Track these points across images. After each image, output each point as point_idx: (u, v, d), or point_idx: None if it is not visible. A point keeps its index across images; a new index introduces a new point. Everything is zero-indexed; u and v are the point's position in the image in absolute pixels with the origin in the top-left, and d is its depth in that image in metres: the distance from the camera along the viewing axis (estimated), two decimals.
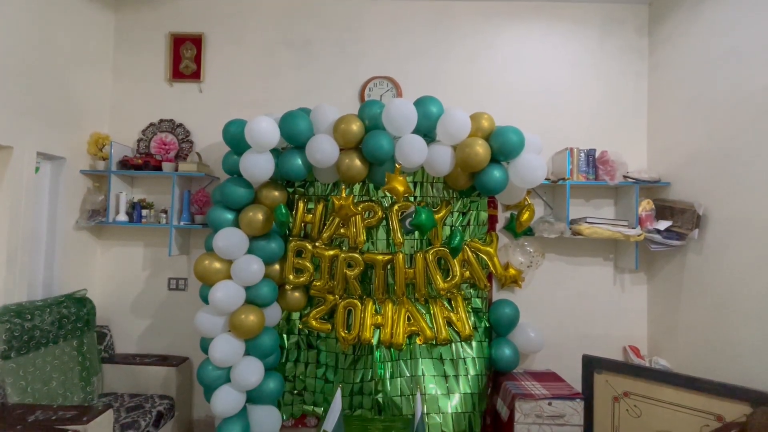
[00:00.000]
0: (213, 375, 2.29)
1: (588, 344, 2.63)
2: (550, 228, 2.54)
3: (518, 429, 2.26)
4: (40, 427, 1.79)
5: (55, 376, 2.24)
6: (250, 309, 2.30)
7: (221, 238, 2.29)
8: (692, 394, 1.98)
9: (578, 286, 2.76)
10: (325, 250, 2.52)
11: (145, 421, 2.24)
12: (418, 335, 2.48)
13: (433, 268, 2.49)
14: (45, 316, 2.26)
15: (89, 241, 2.78)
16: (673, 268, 2.52)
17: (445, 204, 2.58)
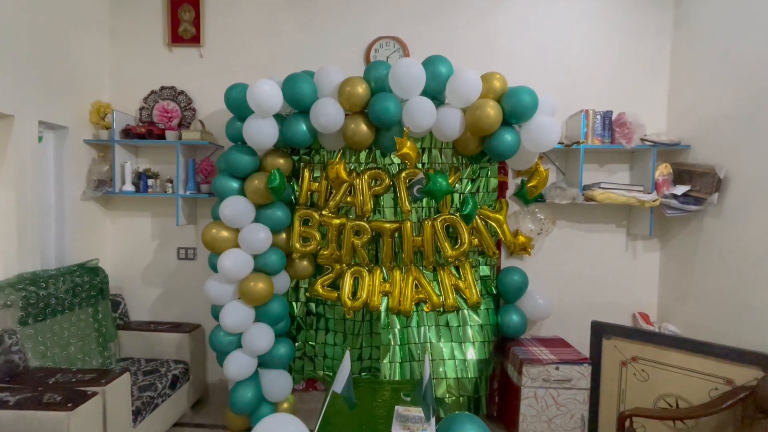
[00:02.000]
0: (225, 341, 2.33)
1: (597, 311, 2.61)
2: (562, 194, 2.47)
3: (525, 392, 2.29)
4: (61, 388, 1.85)
5: (72, 341, 2.31)
6: (258, 277, 2.32)
7: (227, 207, 2.27)
8: (702, 358, 1.97)
9: (589, 253, 2.72)
10: (332, 219, 2.49)
11: (161, 383, 2.32)
12: (426, 302, 2.48)
13: (442, 236, 2.46)
14: (59, 284, 2.30)
15: (98, 212, 2.79)
16: (688, 233, 2.46)
17: (454, 170, 2.51)
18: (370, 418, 1.37)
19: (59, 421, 1.66)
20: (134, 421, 2.08)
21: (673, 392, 2.06)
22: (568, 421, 2.29)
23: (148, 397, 2.20)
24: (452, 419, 1.31)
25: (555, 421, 2.29)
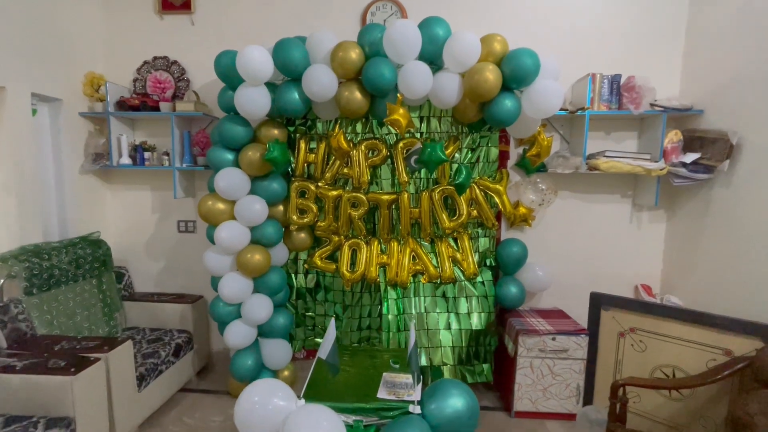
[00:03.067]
0: (224, 311, 2.37)
1: (599, 283, 2.56)
2: (565, 163, 2.39)
3: (521, 362, 2.30)
4: (65, 354, 1.92)
5: (78, 311, 2.38)
6: (255, 248, 2.32)
7: (222, 179, 2.26)
8: (701, 329, 1.93)
9: (592, 224, 2.65)
10: (329, 191, 2.47)
11: (164, 351, 2.39)
12: (423, 274, 2.47)
13: (439, 208, 2.42)
14: (62, 256, 2.35)
15: (98, 186, 2.80)
16: (696, 203, 2.37)
17: (453, 140, 2.44)
18: (359, 383, 1.39)
19: (63, 385, 1.73)
20: (139, 386, 2.16)
21: (670, 363, 2.04)
22: (563, 391, 2.30)
23: (152, 363, 2.27)
24: (438, 385, 1.31)
25: (550, 390, 2.31)
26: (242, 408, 1.23)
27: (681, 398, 2.01)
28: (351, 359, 1.60)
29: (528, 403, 2.32)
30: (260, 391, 1.26)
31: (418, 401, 1.26)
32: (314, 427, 1.14)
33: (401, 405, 1.26)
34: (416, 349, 1.28)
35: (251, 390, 1.26)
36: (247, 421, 1.21)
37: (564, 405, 2.32)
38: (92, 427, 1.83)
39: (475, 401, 1.29)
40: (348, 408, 1.26)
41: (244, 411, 1.22)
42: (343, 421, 1.26)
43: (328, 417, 1.18)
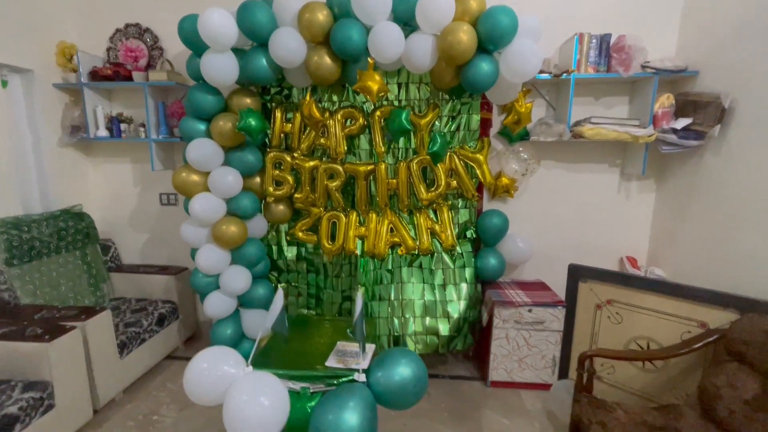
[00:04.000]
0: (203, 282, 2.40)
1: (584, 255, 2.52)
2: (548, 131, 2.28)
3: (496, 333, 2.29)
4: (44, 322, 1.98)
5: (62, 281, 2.43)
6: (230, 220, 2.32)
7: (193, 150, 2.22)
8: (677, 301, 1.88)
9: (578, 195, 2.57)
10: (305, 162, 2.41)
11: (147, 321, 2.45)
12: (400, 246, 2.44)
13: (417, 179, 2.36)
14: (42, 228, 2.38)
15: (79, 159, 2.80)
16: (686, 172, 2.26)
17: (432, 107, 2.34)
18: (312, 352, 1.39)
19: (38, 351, 1.79)
20: (121, 354, 2.23)
21: (645, 335, 2.01)
22: (539, 361, 2.30)
23: (134, 332, 2.33)
24: (387, 354, 1.31)
25: (526, 361, 2.31)
26: (191, 374, 1.24)
27: (655, 370, 1.99)
28: (312, 329, 1.60)
29: (503, 373, 2.34)
30: (209, 358, 1.27)
31: (364, 369, 1.26)
32: (256, 393, 1.14)
33: (346, 373, 1.26)
34: (362, 318, 1.27)
35: (201, 356, 1.28)
36: (196, 387, 1.23)
37: (540, 375, 2.32)
38: (71, 390, 1.91)
39: (424, 371, 1.28)
40: (295, 375, 1.26)
41: (192, 377, 1.24)
42: (290, 388, 1.27)
43: (272, 383, 1.19)
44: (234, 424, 1.11)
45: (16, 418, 1.64)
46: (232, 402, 1.13)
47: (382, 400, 1.25)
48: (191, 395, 1.23)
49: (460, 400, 2.28)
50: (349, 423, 1.09)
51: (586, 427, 1.63)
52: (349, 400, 1.14)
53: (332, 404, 1.13)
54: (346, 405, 1.12)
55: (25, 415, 1.67)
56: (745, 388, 1.53)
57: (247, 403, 1.12)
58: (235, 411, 1.11)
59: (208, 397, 1.22)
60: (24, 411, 1.67)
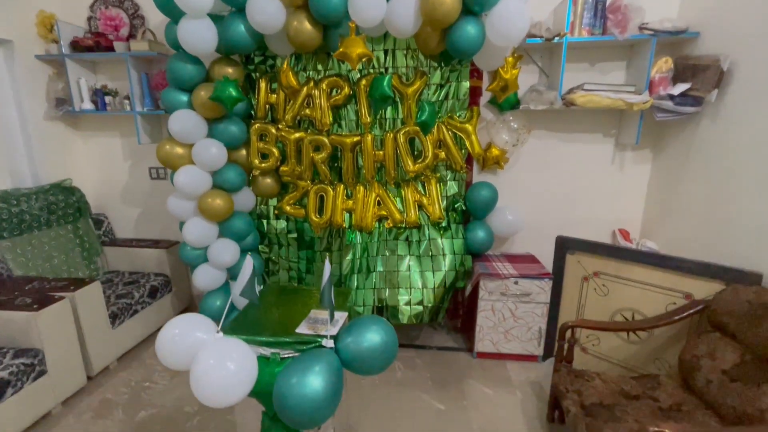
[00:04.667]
0: (192, 255, 2.42)
1: (576, 228, 2.46)
2: (539, 98, 2.19)
3: (482, 305, 2.29)
4: (34, 293, 2.02)
5: (55, 254, 2.47)
6: (216, 193, 2.30)
7: (175, 122, 2.19)
8: (664, 272, 1.85)
9: (571, 167, 2.50)
10: (290, 133, 2.37)
11: (138, 293, 2.49)
12: (387, 219, 2.42)
13: (404, 150, 2.31)
14: (32, 202, 2.40)
15: (67, 133, 2.79)
16: (681, 140, 2.17)
17: (420, 75, 2.26)
18: (285, 320, 1.40)
19: (28, 320, 1.83)
20: (112, 324, 2.28)
21: (630, 306, 1.99)
22: (525, 333, 2.30)
23: (125, 303, 2.38)
24: (357, 321, 1.31)
25: (512, 333, 2.31)
26: (163, 339, 1.26)
27: (639, 341, 1.98)
28: (293, 299, 1.61)
29: (489, 345, 2.35)
30: (182, 324, 1.29)
31: (332, 336, 1.27)
32: (223, 357, 1.16)
33: (315, 339, 1.27)
34: (330, 285, 1.26)
35: (173, 322, 1.29)
36: (167, 352, 1.25)
37: (525, 347, 2.33)
38: (64, 357, 1.97)
39: (394, 338, 1.28)
40: (264, 341, 1.27)
41: (164, 342, 1.25)
42: (261, 353, 1.29)
43: (239, 348, 1.20)
44: (200, 388, 1.13)
45: (7, 382, 1.70)
46: (199, 366, 1.14)
47: (350, 366, 1.25)
48: (163, 360, 1.25)
49: (445, 370, 2.30)
50: (313, 386, 1.10)
51: (562, 395, 1.64)
52: (315, 364, 1.15)
53: (297, 368, 1.14)
54: (311, 369, 1.13)
55: (17, 380, 1.73)
56: (724, 359, 1.51)
57: (213, 368, 1.13)
58: (201, 375, 1.13)
59: (179, 362, 1.24)
60: (15, 376, 1.72)
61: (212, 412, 1.98)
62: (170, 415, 1.97)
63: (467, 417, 1.94)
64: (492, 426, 1.88)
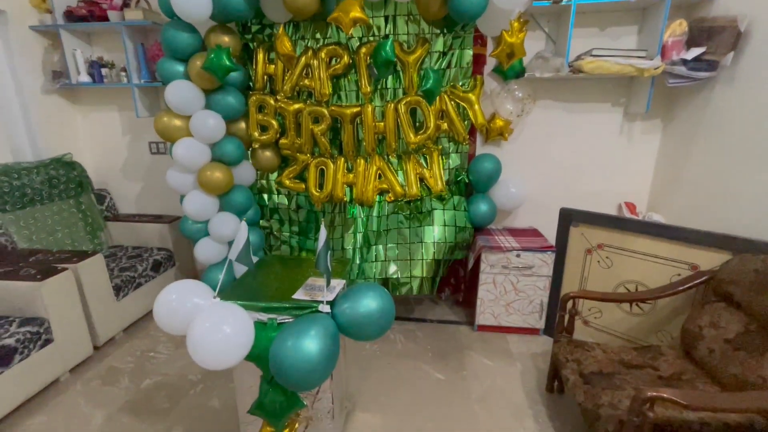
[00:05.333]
0: (193, 228, 2.42)
1: (581, 201, 2.41)
2: (545, 65, 2.11)
3: (483, 278, 2.28)
4: (39, 264, 2.04)
5: (58, 228, 2.49)
6: (215, 166, 2.28)
7: (171, 93, 2.15)
8: (670, 243, 1.81)
9: (577, 138, 2.42)
10: (289, 105, 2.32)
11: (141, 266, 2.51)
12: (388, 192, 2.39)
13: (405, 121, 2.25)
14: (33, 176, 2.40)
15: (65, 107, 2.77)
16: (694, 108, 2.09)
17: (422, 42, 2.18)
18: (283, 287, 1.40)
19: (32, 289, 1.86)
20: (117, 296, 2.31)
21: (634, 279, 1.96)
22: (526, 306, 2.29)
23: (129, 276, 2.40)
24: (355, 288, 1.30)
25: (513, 306, 2.31)
26: (160, 304, 1.26)
27: (642, 313, 1.96)
28: (289, 268, 1.60)
29: (490, 318, 2.35)
30: (179, 290, 1.29)
31: (329, 301, 1.26)
32: (219, 321, 1.16)
33: (311, 304, 1.26)
34: (326, 250, 1.25)
35: (170, 288, 1.29)
36: (164, 317, 1.25)
37: (527, 320, 2.32)
38: (69, 327, 2.00)
39: (391, 305, 1.27)
40: (259, 306, 1.27)
41: (161, 307, 1.26)
42: (258, 319, 1.29)
43: (235, 313, 1.20)
44: (196, 351, 1.13)
45: (14, 349, 1.73)
46: (195, 330, 1.14)
47: (347, 331, 1.25)
48: (160, 324, 1.26)
49: (445, 342, 2.31)
50: (308, 349, 1.10)
51: (562, 364, 1.64)
52: (311, 328, 1.15)
53: (293, 331, 1.14)
54: (307, 333, 1.13)
55: (24, 347, 1.77)
56: (728, 328, 1.49)
57: (209, 331, 1.14)
58: (198, 338, 1.13)
59: (176, 327, 1.25)
60: (22, 343, 1.76)
61: (215, 380, 2.02)
62: (174, 382, 2.01)
63: (467, 386, 1.95)
64: (491, 395, 1.89)
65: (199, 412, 1.81)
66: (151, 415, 1.79)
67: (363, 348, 2.27)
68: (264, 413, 1.26)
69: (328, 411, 1.42)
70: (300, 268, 1.59)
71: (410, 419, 1.75)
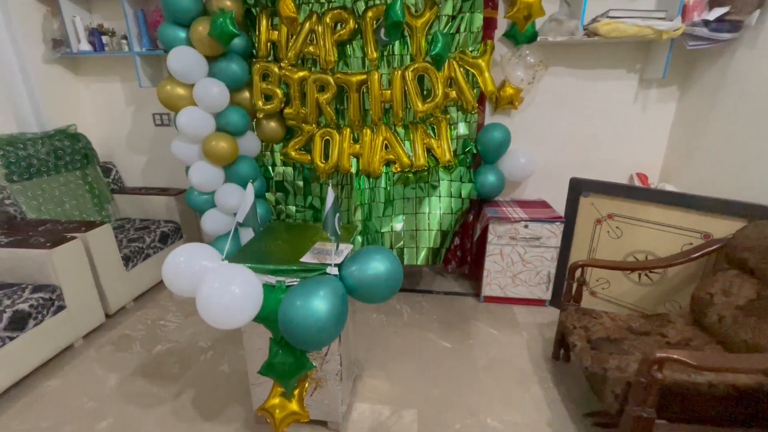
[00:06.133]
0: (199, 199, 2.42)
1: (591, 173, 2.36)
2: (558, 28, 2.03)
3: (490, 249, 2.26)
4: (48, 233, 2.05)
5: (66, 200, 2.49)
6: (220, 136, 2.26)
7: (174, 59, 2.10)
8: (682, 212, 1.77)
9: (589, 107, 2.35)
10: (293, 73, 2.27)
11: (149, 237, 2.53)
12: (395, 163, 2.36)
13: (413, 89, 2.19)
14: (38, 147, 2.40)
15: (68, 77, 2.73)
16: (713, 73, 2.01)
17: (430, 5, 2.10)
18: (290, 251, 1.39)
19: (42, 257, 1.88)
20: (126, 266, 2.34)
21: (644, 249, 1.93)
22: (533, 278, 2.29)
23: (137, 247, 2.42)
24: (362, 251, 1.29)
25: (520, 277, 2.30)
26: (168, 266, 1.26)
27: (650, 283, 1.94)
28: (295, 234, 1.60)
29: (497, 289, 2.35)
30: (187, 252, 1.29)
31: (336, 264, 1.26)
32: (228, 281, 1.16)
33: (319, 267, 1.26)
34: (334, 211, 1.23)
35: (179, 250, 1.29)
36: (173, 278, 1.26)
37: (533, 292, 2.32)
38: (80, 294, 2.03)
39: (398, 267, 1.27)
40: (267, 269, 1.27)
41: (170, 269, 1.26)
42: (266, 281, 1.29)
43: (244, 273, 1.19)
44: (205, 310, 1.14)
45: (28, 314, 1.76)
46: (204, 289, 1.15)
47: (355, 293, 1.25)
48: (169, 285, 1.26)
49: (451, 312, 2.33)
50: (317, 309, 1.10)
51: (570, 332, 1.64)
52: (320, 289, 1.14)
53: (301, 292, 1.14)
54: (316, 293, 1.13)
55: (37, 313, 1.80)
56: (739, 294, 1.47)
57: (217, 290, 1.14)
58: (207, 298, 1.14)
59: (184, 289, 1.25)
60: (35, 309, 1.79)
61: (225, 347, 2.05)
62: (185, 349, 2.05)
63: (473, 354, 1.97)
64: (497, 362, 1.91)
65: (210, 376, 1.85)
66: (162, 379, 1.84)
67: (369, 318, 2.29)
68: (274, 374, 1.28)
69: (336, 373, 1.44)
70: (306, 234, 1.58)
71: (417, 385, 1.78)
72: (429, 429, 1.55)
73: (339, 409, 1.50)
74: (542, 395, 1.71)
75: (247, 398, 1.70)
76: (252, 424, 1.57)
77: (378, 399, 1.70)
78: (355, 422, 1.58)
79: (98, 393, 1.76)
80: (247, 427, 1.57)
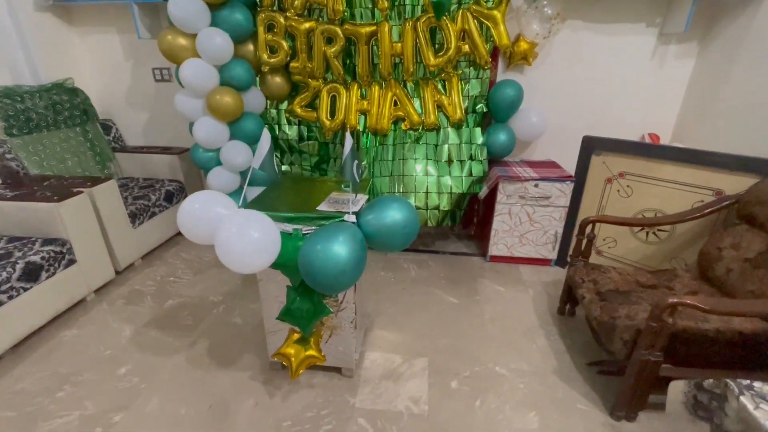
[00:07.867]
0: (204, 157, 2.38)
1: (602, 132, 2.32)
2: None
3: (499, 209, 2.27)
4: (54, 188, 2.03)
5: (68, 156, 2.45)
6: (225, 90, 2.18)
7: (175, 5, 2.00)
8: (695, 169, 1.76)
9: (605, 63, 2.29)
10: (300, 23, 2.17)
11: (155, 196, 2.51)
12: (404, 120, 2.31)
13: (424, 41, 2.12)
14: (36, 100, 2.32)
15: (62, 27, 2.60)
16: (738, 25, 1.94)
17: None
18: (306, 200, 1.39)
19: (50, 210, 1.86)
20: (132, 223, 2.33)
21: (654, 207, 1.94)
22: (540, 237, 2.31)
23: (143, 204, 2.40)
24: (379, 199, 1.28)
25: (527, 237, 2.32)
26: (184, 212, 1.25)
27: (657, 241, 1.96)
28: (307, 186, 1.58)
29: (503, 249, 2.37)
30: (202, 199, 1.27)
31: (354, 212, 1.25)
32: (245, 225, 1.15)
33: (337, 215, 1.25)
34: (352, 157, 1.22)
35: (194, 197, 1.27)
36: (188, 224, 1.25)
37: (539, 251, 2.35)
38: (90, 249, 2.04)
39: (414, 216, 1.26)
40: (285, 217, 1.27)
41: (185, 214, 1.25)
42: (283, 230, 1.29)
43: (261, 219, 1.19)
44: (225, 254, 1.14)
45: (40, 266, 1.77)
46: (222, 234, 1.14)
47: (372, 240, 1.26)
48: (185, 233, 1.25)
49: (458, 271, 2.36)
50: (337, 253, 1.11)
51: (578, 285, 1.67)
52: (339, 234, 1.15)
53: (321, 237, 1.14)
54: (336, 238, 1.13)
55: (49, 265, 1.81)
56: (749, 248, 1.49)
57: (235, 235, 1.14)
58: (226, 242, 1.14)
59: (200, 234, 1.24)
60: (47, 261, 1.79)
61: (236, 301, 2.09)
62: (196, 303, 2.08)
63: (480, 309, 2.01)
64: (503, 317, 1.96)
65: (223, 327, 1.89)
66: (177, 330, 1.87)
67: (377, 276, 2.32)
68: (292, 319, 1.30)
69: (351, 321, 1.47)
70: (320, 186, 1.56)
71: (425, 336, 1.83)
72: (439, 375, 1.61)
73: (353, 356, 1.54)
74: (548, 346, 1.76)
75: (261, 347, 1.74)
76: (266, 371, 1.62)
77: (389, 348, 1.75)
78: (367, 369, 1.63)
79: (114, 342, 1.80)
80: (262, 372, 1.62)
